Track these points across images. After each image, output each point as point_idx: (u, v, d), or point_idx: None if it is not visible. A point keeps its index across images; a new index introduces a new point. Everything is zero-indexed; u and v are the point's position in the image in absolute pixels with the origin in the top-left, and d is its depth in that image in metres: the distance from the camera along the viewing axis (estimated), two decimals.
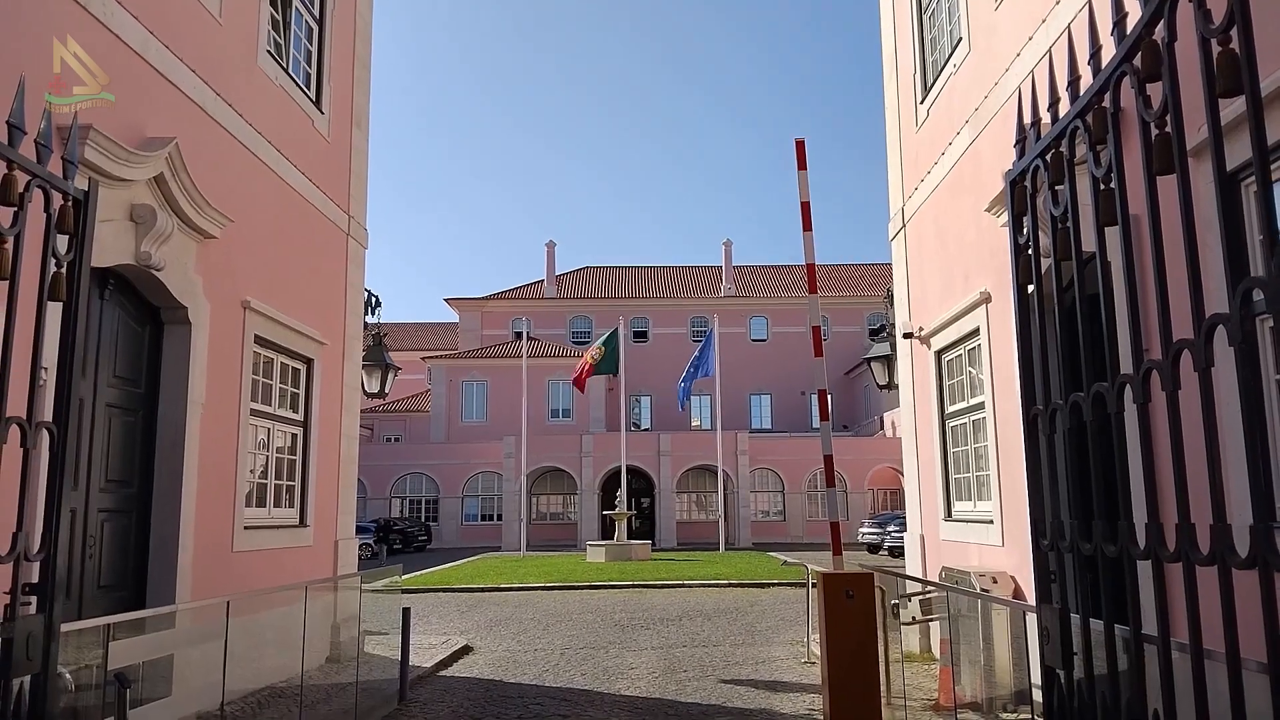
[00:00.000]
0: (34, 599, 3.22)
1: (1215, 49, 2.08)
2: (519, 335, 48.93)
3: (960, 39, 9.39)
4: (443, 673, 10.23)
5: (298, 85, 10.24)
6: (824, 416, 7.68)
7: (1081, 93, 2.71)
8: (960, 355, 9.59)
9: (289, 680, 8.17)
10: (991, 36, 8.49)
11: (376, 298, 13.12)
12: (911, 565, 11.01)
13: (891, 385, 13.39)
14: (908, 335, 11.13)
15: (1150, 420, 2.46)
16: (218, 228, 8.05)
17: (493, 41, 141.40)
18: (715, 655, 11.09)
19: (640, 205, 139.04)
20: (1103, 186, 2.64)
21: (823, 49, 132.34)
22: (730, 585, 20.75)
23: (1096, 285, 2.68)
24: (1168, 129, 2.30)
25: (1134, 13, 2.43)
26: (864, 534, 35.43)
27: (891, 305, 12.49)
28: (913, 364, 11.15)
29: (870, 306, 52.71)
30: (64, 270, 3.41)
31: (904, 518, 14.36)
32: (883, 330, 13.89)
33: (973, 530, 9.01)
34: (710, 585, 20.80)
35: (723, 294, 56.73)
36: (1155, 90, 2.33)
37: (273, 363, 9.55)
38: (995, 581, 7.82)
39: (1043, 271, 3.22)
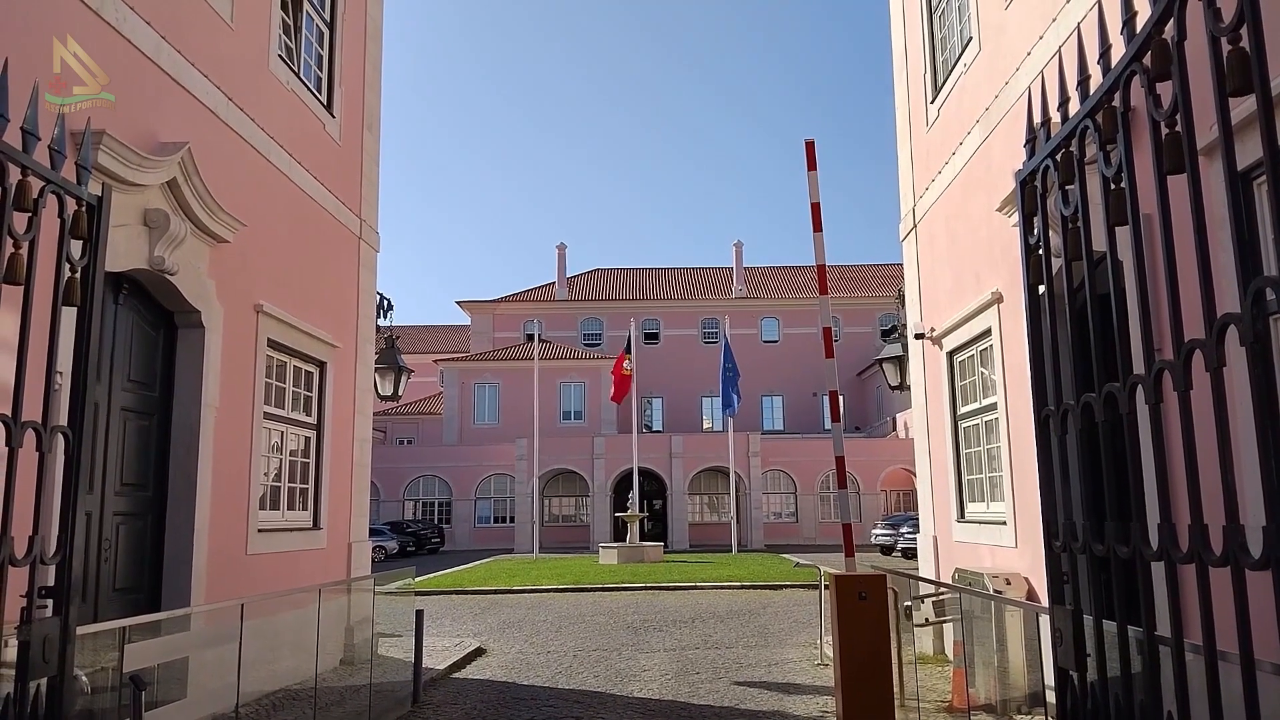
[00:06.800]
0: (50, 602, 3.25)
1: (1225, 48, 2.07)
2: (530, 337, 48.99)
3: (970, 38, 9.36)
4: (456, 675, 10.26)
5: (309, 89, 10.29)
6: (835, 418, 7.67)
7: (1091, 92, 2.70)
8: (972, 356, 9.55)
9: (303, 682, 8.21)
10: (1001, 36, 8.46)
11: (388, 300, 13.17)
12: (924, 567, 10.97)
13: (903, 386, 13.36)
14: (919, 336, 11.10)
15: (1162, 421, 2.45)
16: (230, 232, 8.09)
17: (505, 42, 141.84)
18: (728, 657, 11.08)
19: (651, 206, 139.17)
20: (1113, 186, 2.63)
21: (833, 49, 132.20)
22: (743, 587, 20.70)
23: (1108, 285, 2.67)
24: (1178, 128, 2.29)
25: (1143, 11, 2.42)
26: (877, 535, 35.36)
27: (903, 306, 12.46)
28: (924, 365, 11.12)
29: (882, 307, 52.58)
30: (78, 275, 3.44)
31: (917, 519, 14.30)
32: (894, 331, 13.87)
33: (985, 531, 8.98)
34: (722, 587, 20.77)
35: (734, 295, 56.66)
36: (1165, 89, 2.32)
37: (286, 366, 9.60)
38: (1008, 583, 7.79)
39: (1054, 271, 3.21)
